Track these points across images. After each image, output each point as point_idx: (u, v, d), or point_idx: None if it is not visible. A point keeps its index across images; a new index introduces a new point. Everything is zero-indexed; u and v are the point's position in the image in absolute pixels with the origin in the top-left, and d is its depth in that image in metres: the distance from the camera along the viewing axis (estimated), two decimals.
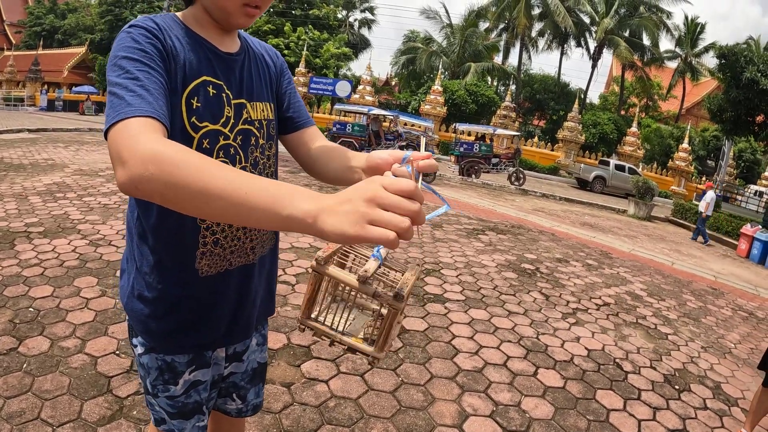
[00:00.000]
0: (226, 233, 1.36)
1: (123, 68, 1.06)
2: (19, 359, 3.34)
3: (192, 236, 1.32)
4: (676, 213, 19.46)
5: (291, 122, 1.55)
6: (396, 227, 0.79)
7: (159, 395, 1.44)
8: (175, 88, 1.19)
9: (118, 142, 0.92)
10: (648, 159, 37.23)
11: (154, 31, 1.17)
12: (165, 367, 1.41)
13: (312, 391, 3.38)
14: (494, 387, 3.80)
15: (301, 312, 1.16)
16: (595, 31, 39.71)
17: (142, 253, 1.35)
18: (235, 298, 1.44)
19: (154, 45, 1.14)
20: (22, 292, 4.36)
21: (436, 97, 34.25)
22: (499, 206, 13.96)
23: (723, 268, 10.91)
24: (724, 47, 18.21)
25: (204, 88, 1.26)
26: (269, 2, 1.28)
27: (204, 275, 1.36)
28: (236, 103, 1.34)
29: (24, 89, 42.18)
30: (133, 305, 1.39)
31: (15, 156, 12.24)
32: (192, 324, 1.39)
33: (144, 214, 1.32)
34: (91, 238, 5.95)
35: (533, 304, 5.75)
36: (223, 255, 1.37)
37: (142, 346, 1.41)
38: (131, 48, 1.10)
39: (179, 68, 1.21)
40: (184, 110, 1.22)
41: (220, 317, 1.42)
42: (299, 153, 1.53)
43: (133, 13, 42.96)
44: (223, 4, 1.24)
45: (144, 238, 1.34)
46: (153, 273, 1.35)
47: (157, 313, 1.36)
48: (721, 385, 4.59)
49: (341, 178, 1.38)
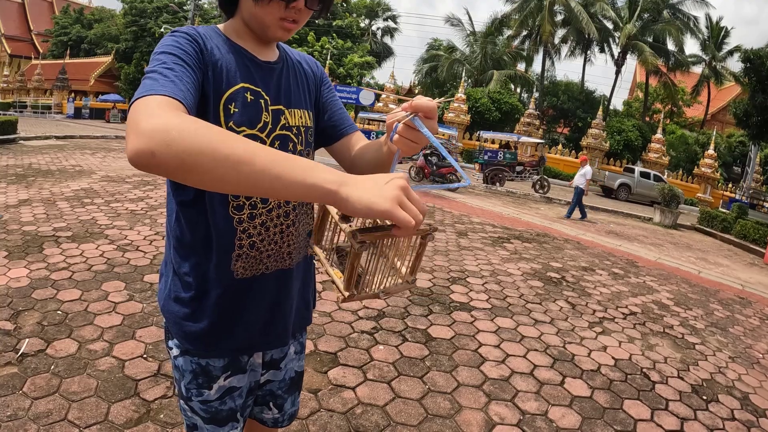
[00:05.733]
0: (263, 236, 1.37)
1: (160, 60, 1.09)
2: (47, 361, 3.37)
3: (228, 238, 1.33)
4: (702, 221, 19.15)
5: (335, 130, 1.56)
6: (416, 217, 0.88)
7: (193, 399, 1.44)
8: (210, 92, 1.23)
9: (139, 110, 0.90)
10: (673, 166, 36.84)
11: (195, 36, 1.22)
12: (199, 371, 1.41)
13: (339, 398, 3.37)
14: (521, 396, 3.76)
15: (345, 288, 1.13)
16: (618, 37, 39.37)
17: (180, 255, 1.37)
18: (271, 302, 1.44)
19: (193, 47, 1.18)
20: (50, 295, 4.41)
21: (459, 105, 34.19)
22: (523, 214, 13.88)
23: (750, 277, 10.71)
24: (749, 51, 17.92)
25: (242, 94, 1.28)
26: (307, 17, 1.31)
27: (239, 277, 1.36)
28: (274, 109, 1.36)
29: (51, 97, 42.97)
30: (169, 307, 1.40)
31: (43, 162, 12.44)
32: (227, 326, 1.39)
33: (183, 214, 1.34)
34: (118, 243, 6.01)
35: (559, 313, 5.69)
36: (259, 258, 1.38)
37: (178, 348, 1.42)
38: (172, 45, 1.15)
39: (217, 73, 1.24)
40: (222, 115, 1.25)
41: (256, 320, 1.42)
42: (344, 159, 1.54)
43: (158, 23, 43.58)
44: (262, 18, 1.27)
45: (181, 240, 1.36)
46: (189, 275, 1.36)
47: (193, 315, 1.37)
48: (749, 396, 4.49)
49: (377, 160, 1.39)
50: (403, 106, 1.09)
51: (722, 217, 18.23)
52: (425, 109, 1.07)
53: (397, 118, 1.12)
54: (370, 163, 1.42)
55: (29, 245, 5.64)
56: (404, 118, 1.08)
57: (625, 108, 48.82)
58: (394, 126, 1.12)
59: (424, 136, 1.08)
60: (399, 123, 1.09)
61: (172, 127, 0.83)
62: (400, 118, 1.09)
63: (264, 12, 1.25)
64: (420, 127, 1.06)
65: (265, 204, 1.35)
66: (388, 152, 1.29)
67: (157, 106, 0.91)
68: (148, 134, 0.83)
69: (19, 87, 47.14)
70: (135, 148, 0.83)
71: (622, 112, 46.62)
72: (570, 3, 38.03)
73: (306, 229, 1.51)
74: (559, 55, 44.33)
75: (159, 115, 0.87)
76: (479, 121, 35.08)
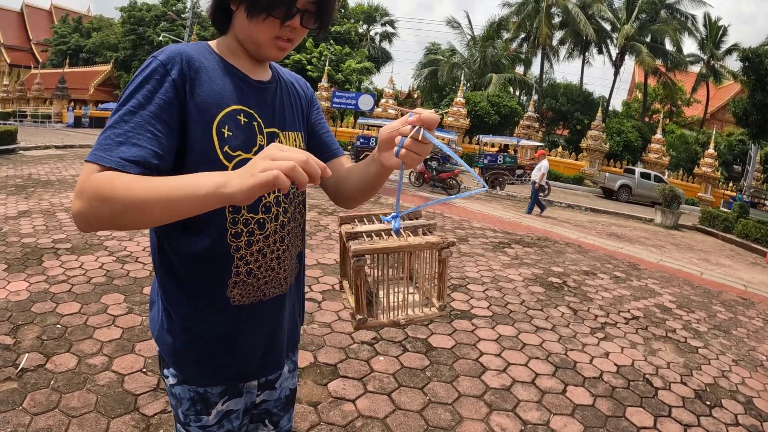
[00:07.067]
0: (260, 263, 1.35)
1: (124, 104, 1.12)
2: (47, 376, 3.36)
3: (224, 265, 1.30)
4: (703, 221, 19.12)
5: (321, 153, 1.54)
6: (280, 167, 0.91)
7: (191, 425, 1.42)
8: (197, 120, 1.20)
9: (80, 180, 1.04)
10: (673, 166, 36.82)
11: (172, 66, 1.18)
12: (198, 398, 1.39)
13: (339, 411, 3.35)
14: (522, 405, 3.74)
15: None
16: (616, 38, 39.40)
17: (170, 283, 1.34)
18: (270, 328, 1.43)
19: (164, 86, 1.16)
20: (49, 308, 4.41)
21: (458, 109, 34.19)
22: (524, 218, 13.87)
23: (753, 277, 10.68)
24: (747, 49, 17.89)
25: (234, 116, 1.26)
26: (302, 36, 1.29)
27: (236, 304, 1.34)
28: (268, 132, 1.34)
29: (51, 106, 43.05)
30: (163, 338, 1.38)
31: (43, 172, 12.44)
32: (225, 357, 1.37)
33: (171, 245, 1.31)
34: (118, 255, 6.01)
35: (561, 319, 5.67)
36: (257, 285, 1.36)
37: (174, 377, 1.39)
38: (138, 89, 1.14)
39: (203, 99, 1.21)
40: (216, 140, 1.22)
41: (254, 348, 1.41)
42: (329, 183, 1.52)
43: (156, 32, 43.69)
44: (256, 37, 1.25)
45: (170, 268, 1.33)
46: (181, 304, 1.33)
47: (189, 346, 1.35)
48: (753, 400, 4.47)
49: (364, 180, 1.37)
50: (410, 120, 1.08)
51: (723, 217, 18.20)
52: (431, 122, 1.07)
53: (395, 128, 1.13)
54: (356, 184, 1.41)
55: (28, 258, 5.64)
56: (411, 132, 1.08)
57: (625, 109, 48.85)
58: (399, 141, 1.10)
59: (428, 148, 1.09)
60: (405, 137, 1.09)
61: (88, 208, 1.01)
62: (406, 132, 1.09)
63: (258, 30, 1.22)
64: (432, 140, 1.07)
65: (262, 230, 1.33)
66: (379, 168, 1.27)
67: (91, 176, 1.03)
68: (81, 205, 1.01)
69: (18, 96, 47.20)
70: (73, 212, 1.03)
71: (622, 113, 46.65)
72: (567, 5, 38.10)
73: (296, 251, 1.49)
74: (557, 57, 44.41)
75: (87, 184, 1.02)
76: (479, 125, 35.08)
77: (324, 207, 10.72)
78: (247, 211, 1.29)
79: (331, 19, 1.32)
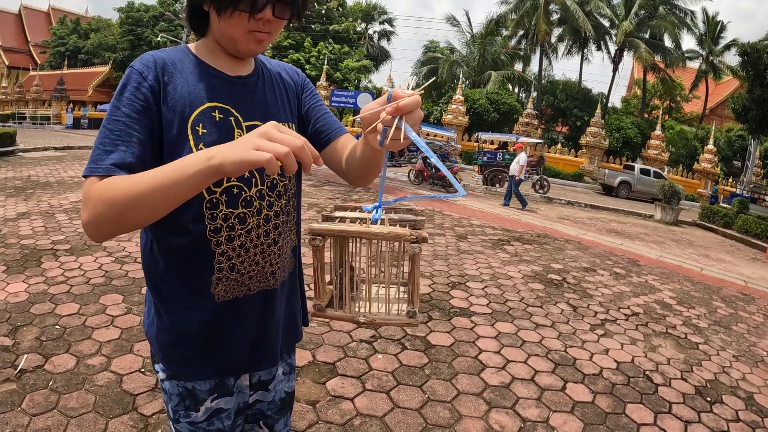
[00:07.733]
0: (243, 258, 1.35)
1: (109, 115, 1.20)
2: (46, 377, 3.37)
3: (206, 262, 1.31)
4: (703, 217, 19.13)
5: (321, 136, 1.52)
6: (274, 151, 0.91)
7: (180, 420, 1.43)
8: (174, 121, 1.23)
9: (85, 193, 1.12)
10: (673, 162, 36.79)
11: (148, 72, 1.24)
12: (186, 394, 1.40)
13: (337, 409, 3.35)
14: (522, 403, 3.74)
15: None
16: (615, 35, 39.37)
17: (157, 281, 1.36)
18: (256, 323, 1.43)
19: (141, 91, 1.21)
20: (48, 309, 4.41)
21: (457, 107, 34.17)
22: (523, 215, 13.86)
23: (753, 273, 10.67)
24: (746, 45, 17.82)
25: (209, 114, 1.27)
26: (279, 27, 1.28)
27: (221, 300, 1.34)
28: (248, 125, 1.33)
29: (50, 108, 43.04)
30: (153, 333, 1.40)
31: (42, 174, 12.45)
32: (211, 351, 1.38)
33: (158, 242, 1.33)
34: (116, 255, 6.01)
35: (561, 316, 5.66)
36: (240, 280, 1.36)
37: (164, 372, 1.41)
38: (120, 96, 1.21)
39: (177, 101, 1.24)
40: (191, 138, 1.24)
41: (241, 343, 1.41)
42: (336, 164, 1.50)
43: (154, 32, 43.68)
44: (230, 33, 1.25)
45: (156, 266, 1.35)
46: (169, 301, 1.35)
47: (175, 341, 1.36)
48: (754, 396, 4.46)
49: (362, 161, 1.34)
50: (387, 110, 1.01)
51: (723, 213, 18.20)
52: (411, 108, 1.00)
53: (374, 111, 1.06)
54: (358, 165, 1.37)
55: (27, 259, 5.64)
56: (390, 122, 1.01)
57: (624, 105, 48.75)
58: (381, 129, 1.04)
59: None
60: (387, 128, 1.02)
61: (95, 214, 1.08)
62: (387, 121, 1.02)
63: (229, 26, 1.22)
64: (408, 132, 1.01)
65: (243, 225, 1.33)
66: (371, 149, 1.23)
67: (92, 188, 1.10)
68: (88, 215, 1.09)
69: (17, 98, 47.23)
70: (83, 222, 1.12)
71: (621, 110, 46.53)
72: (566, 1, 38.01)
73: (290, 247, 1.49)
74: (556, 54, 44.30)
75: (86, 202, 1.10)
76: (478, 122, 35.06)
77: (323, 206, 10.72)
78: (225, 207, 1.29)
79: (306, 8, 1.30)
